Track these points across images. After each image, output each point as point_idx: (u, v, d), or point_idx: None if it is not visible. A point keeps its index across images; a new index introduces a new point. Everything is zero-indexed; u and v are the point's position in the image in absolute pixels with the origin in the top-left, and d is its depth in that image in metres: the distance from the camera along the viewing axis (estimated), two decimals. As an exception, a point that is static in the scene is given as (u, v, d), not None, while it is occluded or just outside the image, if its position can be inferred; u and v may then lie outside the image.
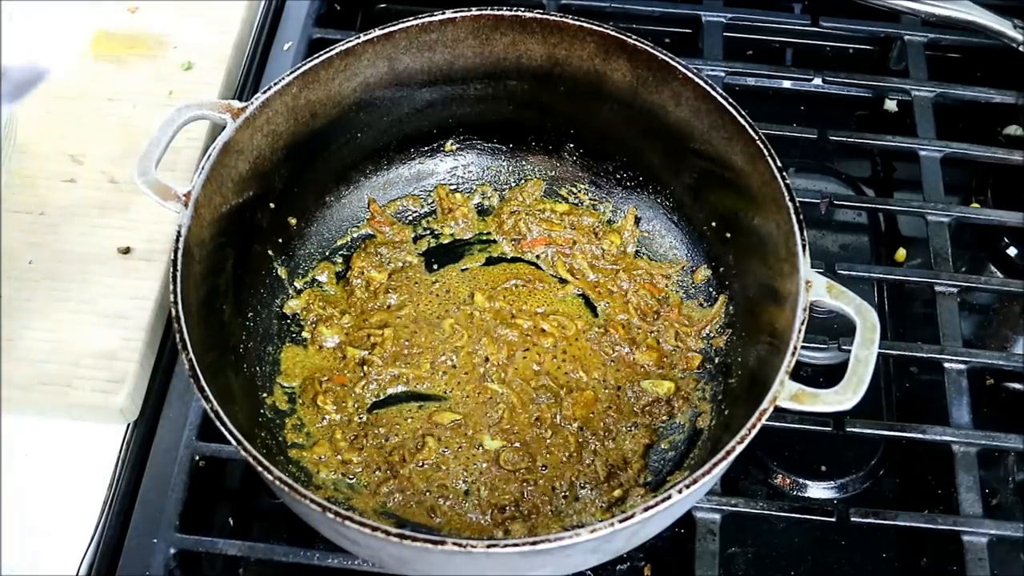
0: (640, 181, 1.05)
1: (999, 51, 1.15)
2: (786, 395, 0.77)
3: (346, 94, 0.98)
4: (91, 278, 1.02)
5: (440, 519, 0.89)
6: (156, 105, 1.15)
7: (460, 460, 0.92)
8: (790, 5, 1.33)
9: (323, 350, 0.98)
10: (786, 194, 0.85)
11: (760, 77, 1.20)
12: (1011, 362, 0.99)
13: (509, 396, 0.95)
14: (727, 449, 0.74)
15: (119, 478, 0.94)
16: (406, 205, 1.08)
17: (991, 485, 0.98)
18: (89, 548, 0.91)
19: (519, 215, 1.06)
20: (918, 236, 1.11)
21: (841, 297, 0.82)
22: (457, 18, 0.97)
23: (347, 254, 1.04)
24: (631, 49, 0.95)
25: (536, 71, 1.01)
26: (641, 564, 0.93)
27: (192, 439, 0.93)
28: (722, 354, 0.97)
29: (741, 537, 0.95)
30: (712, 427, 0.93)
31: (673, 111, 0.96)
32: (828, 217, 1.14)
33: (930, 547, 0.95)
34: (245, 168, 0.92)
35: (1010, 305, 1.10)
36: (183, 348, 0.78)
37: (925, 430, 0.94)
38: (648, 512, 0.72)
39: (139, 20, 1.22)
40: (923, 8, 1.14)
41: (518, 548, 0.71)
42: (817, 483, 0.98)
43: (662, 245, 1.05)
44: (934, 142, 1.13)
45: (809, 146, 1.16)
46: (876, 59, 1.30)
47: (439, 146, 1.08)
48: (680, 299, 1.01)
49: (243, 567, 0.92)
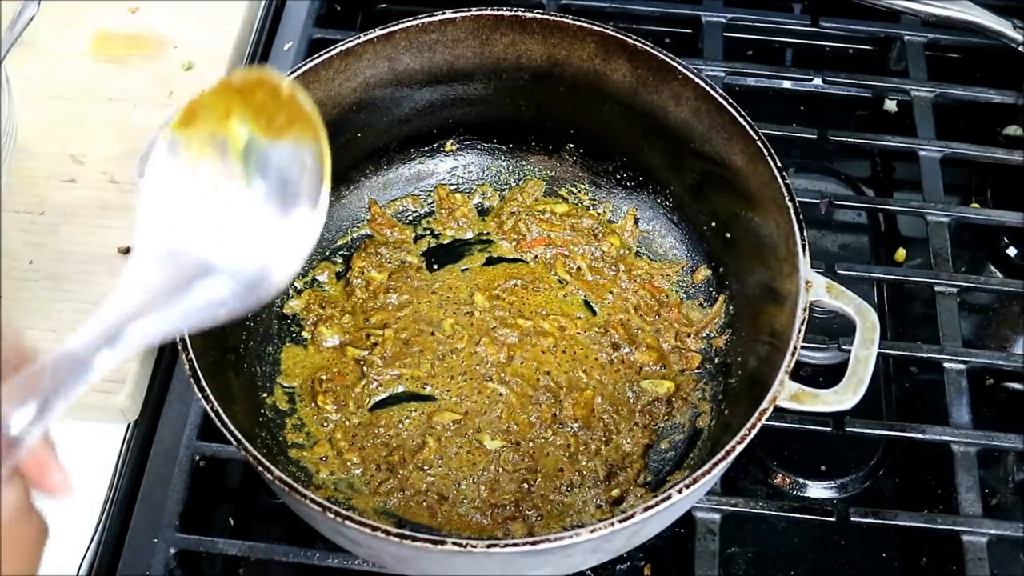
0: (640, 181, 1.05)
1: (999, 51, 1.15)
2: (786, 395, 0.77)
3: (346, 94, 0.98)
4: (92, 278, 1.02)
5: (440, 519, 0.89)
6: (156, 105, 1.15)
7: (460, 460, 0.92)
8: (790, 5, 1.33)
9: (323, 350, 0.98)
10: (786, 194, 0.85)
11: (760, 77, 1.20)
12: (1011, 362, 1.00)
13: (509, 396, 0.95)
14: (727, 449, 0.75)
15: (119, 478, 0.94)
16: (406, 205, 1.08)
17: (991, 485, 0.98)
18: (89, 548, 0.91)
19: (519, 215, 1.06)
20: (918, 236, 1.11)
21: (841, 297, 0.82)
22: (457, 18, 0.97)
23: (347, 254, 1.04)
24: (631, 49, 0.95)
25: (536, 71, 1.01)
26: (641, 564, 0.93)
27: (192, 439, 0.93)
28: (722, 354, 0.97)
29: (741, 537, 0.95)
30: (712, 427, 0.93)
31: (673, 111, 0.96)
32: (828, 217, 1.14)
33: (930, 547, 0.95)
34: (245, 168, 0.92)
35: (1010, 305, 1.10)
36: (183, 348, 0.78)
37: (925, 430, 0.94)
38: (648, 512, 0.72)
39: (139, 20, 1.22)
40: (923, 8, 1.14)
41: (518, 548, 0.71)
42: (817, 483, 0.98)
43: (662, 245, 1.05)
44: (934, 142, 1.13)
45: (809, 146, 1.16)
46: (876, 59, 1.30)
47: (439, 146, 1.08)
48: (680, 299, 1.01)
49: (243, 567, 0.92)
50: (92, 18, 1.22)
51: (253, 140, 0.64)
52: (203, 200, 0.63)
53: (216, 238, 0.63)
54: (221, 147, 0.64)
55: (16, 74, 1.08)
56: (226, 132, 0.64)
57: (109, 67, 1.18)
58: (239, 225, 0.63)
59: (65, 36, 1.20)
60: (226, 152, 0.64)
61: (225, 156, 0.64)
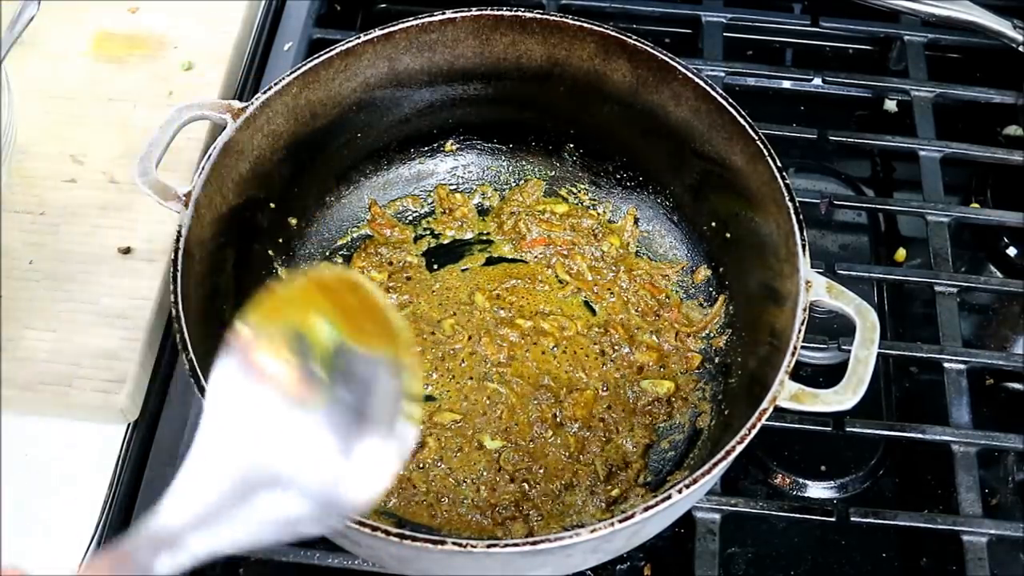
0: (640, 181, 1.05)
1: (999, 51, 1.15)
2: (786, 395, 0.77)
3: (346, 94, 0.98)
4: (91, 278, 1.02)
5: (440, 519, 0.89)
6: (156, 105, 1.15)
7: (460, 460, 0.92)
8: (790, 5, 1.33)
9: (323, 350, 0.98)
10: (786, 194, 0.85)
11: (760, 77, 1.20)
12: (1011, 362, 0.99)
13: (509, 396, 0.95)
14: (727, 449, 0.75)
15: (119, 478, 0.94)
16: (406, 205, 1.08)
17: (991, 485, 0.98)
18: (89, 548, 0.91)
19: (519, 215, 1.06)
20: (918, 236, 1.11)
21: (841, 297, 0.82)
22: (457, 18, 0.97)
23: (347, 254, 1.04)
24: (631, 49, 0.95)
25: (536, 71, 1.01)
26: (641, 564, 0.93)
27: (192, 439, 0.93)
28: (722, 354, 0.97)
29: (741, 537, 0.95)
30: (712, 427, 0.93)
31: (673, 111, 0.96)
32: (828, 217, 1.14)
33: (930, 547, 0.95)
34: (245, 168, 0.92)
35: (1010, 305, 1.10)
36: (183, 348, 0.78)
37: (925, 430, 0.94)
38: (648, 512, 0.72)
39: (139, 20, 1.22)
40: (923, 8, 1.14)
41: (518, 548, 0.71)
42: (817, 483, 0.98)
43: (662, 245, 1.05)
44: (934, 142, 1.13)
45: (809, 146, 1.16)
46: (876, 59, 1.30)
47: (439, 146, 1.08)
48: (680, 299, 1.01)
49: (243, 567, 0.92)
50: (92, 18, 1.22)
51: (341, 346, 0.57)
52: (278, 406, 0.56)
53: (288, 449, 0.56)
54: (302, 346, 0.56)
55: (16, 74, 1.08)
56: (310, 331, 0.57)
57: (109, 67, 1.18)
58: (315, 438, 0.56)
59: (65, 36, 1.20)
60: (308, 354, 0.56)
61: (307, 358, 0.56)
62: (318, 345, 0.57)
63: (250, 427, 0.56)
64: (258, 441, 0.56)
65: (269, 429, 0.56)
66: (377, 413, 0.56)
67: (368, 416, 0.56)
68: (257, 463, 0.55)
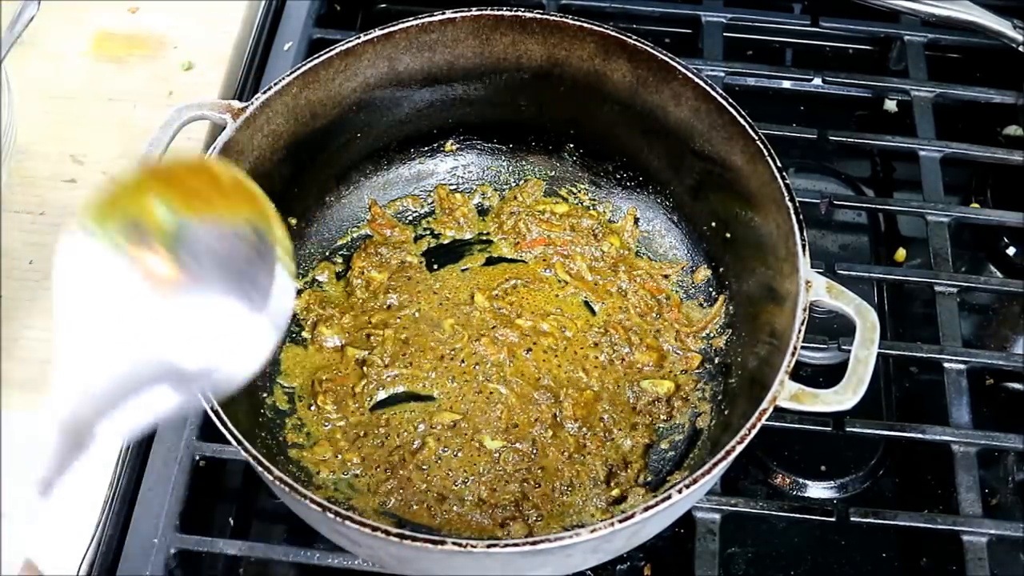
0: (640, 181, 1.05)
1: (999, 51, 1.15)
2: (786, 395, 0.77)
3: (346, 94, 0.98)
4: (91, 278, 1.02)
5: (440, 519, 0.89)
6: (156, 105, 1.15)
7: (460, 460, 0.92)
8: (790, 5, 1.33)
9: (323, 350, 0.98)
10: (786, 194, 0.85)
11: (760, 77, 1.20)
12: (1011, 362, 1.00)
13: (509, 396, 0.95)
14: (727, 449, 0.75)
15: (119, 478, 0.94)
16: (406, 205, 1.08)
17: (991, 485, 0.98)
18: (89, 548, 0.91)
19: (519, 215, 1.06)
20: (918, 236, 1.11)
21: (841, 297, 0.82)
22: (457, 18, 0.97)
23: (347, 254, 1.04)
24: (631, 49, 0.95)
25: (536, 71, 1.01)
26: (641, 564, 0.93)
27: (192, 439, 0.93)
28: (722, 354, 0.97)
29: (741, 537, 0.95)
30: (712, 427, 0.93)
31: (673, 111, 0.96)
32: (828, 217, 1.14)
33: (930, 547, 0.95)
34: (245, 168, 0.92)
35: (1010, 305, 1.10)
36: (183, 348, 0.78)
37: (925, 430, 0.94)
38: (648, 512, 0.72)
39: (139, 20, 1.22)
40: (923, 8, 1.14)
41: (518, 548, 0.71)
42: (817, 483, 0.98)
43: (662, 245, 1.05)
44: (934, 142, 1.13)
45: (809, 146, 1.16)
46: (876, 59, 1.30)
47: (439, 146, 1.08)
48: (680, 299, 1.01)
49: (243, 567, 0.92)
50: (92, 18, 1.22)
51: (184, 225, 0.58)
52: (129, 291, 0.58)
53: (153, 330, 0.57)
54: (140, 233, 0.58)
55: (16, 74, 1.08)
56: (145, 216, 0.58)
57: (109, 67, 1.18)
58: (183, 318, 0.57)
59: (65, 36, 1.20)
60: (150, 239, 0.58)
61: (149, 244, 0.58)
62: (156, 228, 0.58)
63: (106, 322, 0.57)
64: (119, 334, 0.57)
65: (129, 319, 0.57)
66: (248, 278, 0.57)
67: (241, 284, 0.57)
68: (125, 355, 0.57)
